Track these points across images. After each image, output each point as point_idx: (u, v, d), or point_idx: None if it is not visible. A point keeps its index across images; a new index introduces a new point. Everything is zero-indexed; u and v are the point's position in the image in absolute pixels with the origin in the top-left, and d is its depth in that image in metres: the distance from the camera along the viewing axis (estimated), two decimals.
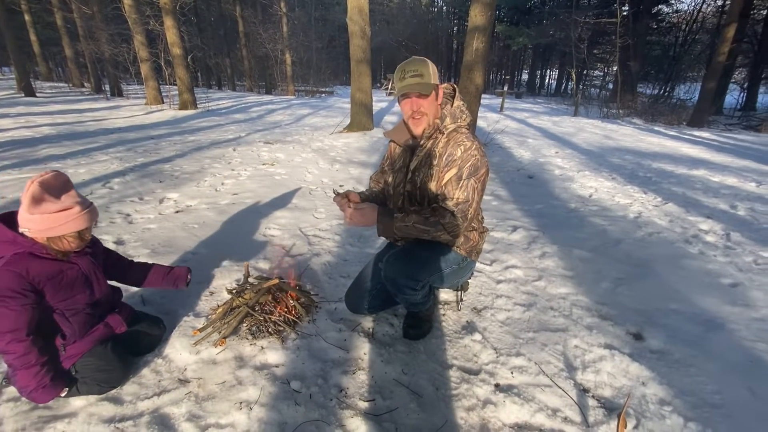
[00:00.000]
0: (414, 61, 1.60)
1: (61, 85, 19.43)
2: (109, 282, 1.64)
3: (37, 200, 1.26)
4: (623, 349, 1.82)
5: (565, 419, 1.45)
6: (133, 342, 1.66)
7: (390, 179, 1.86)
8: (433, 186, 1.66)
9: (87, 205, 1.36)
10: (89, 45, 14.40)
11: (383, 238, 2.12)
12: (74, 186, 1.37)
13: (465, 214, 1.58)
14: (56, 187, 1.31)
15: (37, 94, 13.14)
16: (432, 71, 1.59)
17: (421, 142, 1.70)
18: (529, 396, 1.54)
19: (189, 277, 1.91)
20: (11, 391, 1.45)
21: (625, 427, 1.40)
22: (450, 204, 1.58)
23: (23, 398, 1.41)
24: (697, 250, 2.96)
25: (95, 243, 1.59)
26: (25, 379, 1.30)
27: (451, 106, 1.69)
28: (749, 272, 2.63)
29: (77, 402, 1.43)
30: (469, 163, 1.59)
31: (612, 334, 1.95)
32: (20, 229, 1.30)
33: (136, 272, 1.81)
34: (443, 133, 1.66)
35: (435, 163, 1.64)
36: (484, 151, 1.65)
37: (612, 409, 1.49)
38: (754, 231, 3.35)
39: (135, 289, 2.09)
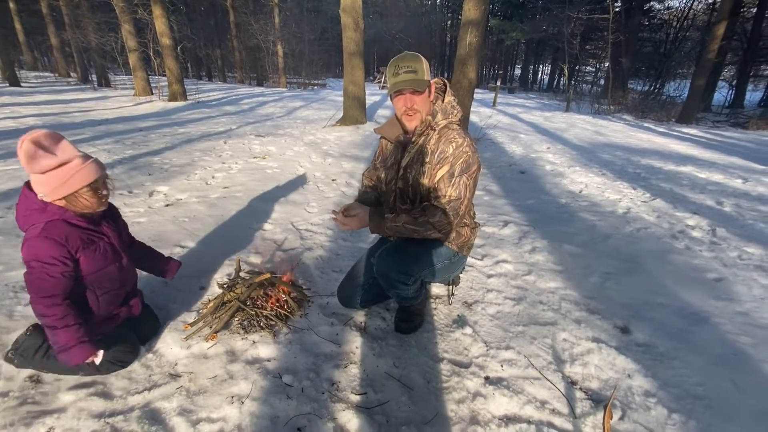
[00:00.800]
0: (407, 56, 1.58)
1: (46, 74, 18.99)
2: None
3: (31, 156, 1.23)
4: (610, 343, 1.86)
5: (553, 411, 1.47)
6: (139, 328, 1.69)
7: (382, 176, 1.86)
8: (425, 183, 1.66)
9: (88, 158, 1.34)
10: (75, 34, 14.05)
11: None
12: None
13: (456, 212, 1.59)
14: (48, 142, 1.28)
15: (22, 84, 12.82)
16: (425, 67, 1.58)
17: (413, 139, 1.69)
18: (518, 388, 1.57)
19: (176, 272, 1.93)
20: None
21: (611, 419, 1.43)
22: (442, 201, 1.58)
23: (11, 393, 1.41)
24: (684, 246, 3.02)
25: (118, 215, 1.63)
26: (65, 337, 1.33)
27: (442, 101, 1.68)
28: (734, 267, 2.68)
29: (66, 397, 1.42)
30: (461, 160, 1.59)
31: (600, 327, 1.99)
32: (38, 197, 1.30)
33: (136, 250, 1.80)
34: (435, 130, 1.66)
35: (427, 160, 1.64)
36: (475, 147, 1.65)
37: (599, 400, 1.53)
38: (739, 227, 3.42)
39: None
